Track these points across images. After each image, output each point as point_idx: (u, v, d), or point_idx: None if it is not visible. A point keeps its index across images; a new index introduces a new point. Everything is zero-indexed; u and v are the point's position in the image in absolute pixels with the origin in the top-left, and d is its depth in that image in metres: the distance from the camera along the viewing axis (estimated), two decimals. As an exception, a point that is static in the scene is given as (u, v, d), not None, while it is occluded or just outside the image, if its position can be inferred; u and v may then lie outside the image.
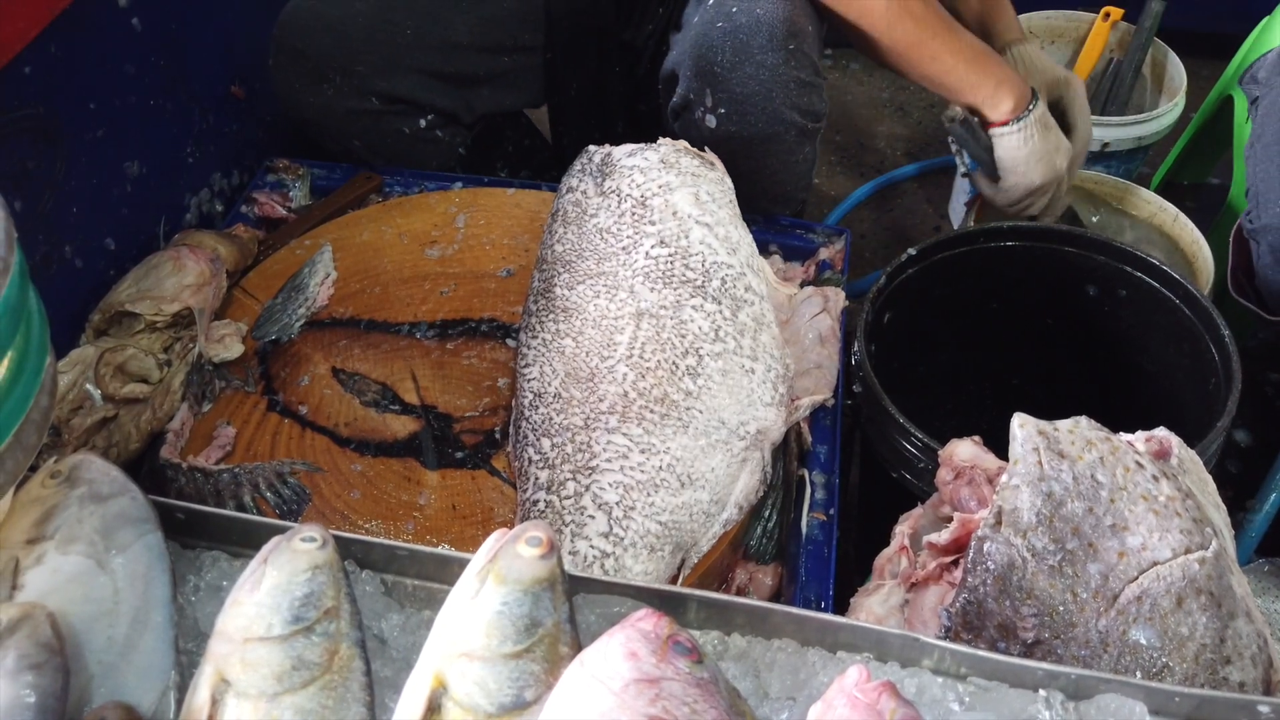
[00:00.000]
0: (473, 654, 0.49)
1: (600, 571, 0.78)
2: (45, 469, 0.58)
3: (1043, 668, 0.55)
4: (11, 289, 0.48)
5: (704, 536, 0.84)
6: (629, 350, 0.86)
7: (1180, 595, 0.64)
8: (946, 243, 1.09)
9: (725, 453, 0.84)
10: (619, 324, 0.87)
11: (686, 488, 0.82)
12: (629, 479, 0.81)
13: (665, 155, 0.97)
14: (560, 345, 0.88)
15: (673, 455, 0.82)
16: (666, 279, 0.89)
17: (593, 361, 0.86)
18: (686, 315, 0.88)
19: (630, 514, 0.80)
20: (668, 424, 0.83)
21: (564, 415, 0.85)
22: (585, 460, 0.82)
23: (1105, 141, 1.45)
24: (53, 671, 0.47)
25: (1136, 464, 0.69)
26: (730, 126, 1.05)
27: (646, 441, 0.82)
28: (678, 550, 0.82)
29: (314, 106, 1.17)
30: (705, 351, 0.86)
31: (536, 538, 0.53)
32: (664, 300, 0.88)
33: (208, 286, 1.01)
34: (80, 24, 0.96)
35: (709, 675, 0.49)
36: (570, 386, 0.86)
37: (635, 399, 0.84)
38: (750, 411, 0.86)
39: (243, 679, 0.48)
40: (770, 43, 1.01)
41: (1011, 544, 0.67)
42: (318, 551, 0.54)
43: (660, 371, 0.85)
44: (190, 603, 0.57)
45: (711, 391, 0.85)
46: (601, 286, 0.90)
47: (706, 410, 0.84)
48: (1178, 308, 1.03)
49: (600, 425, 0.83)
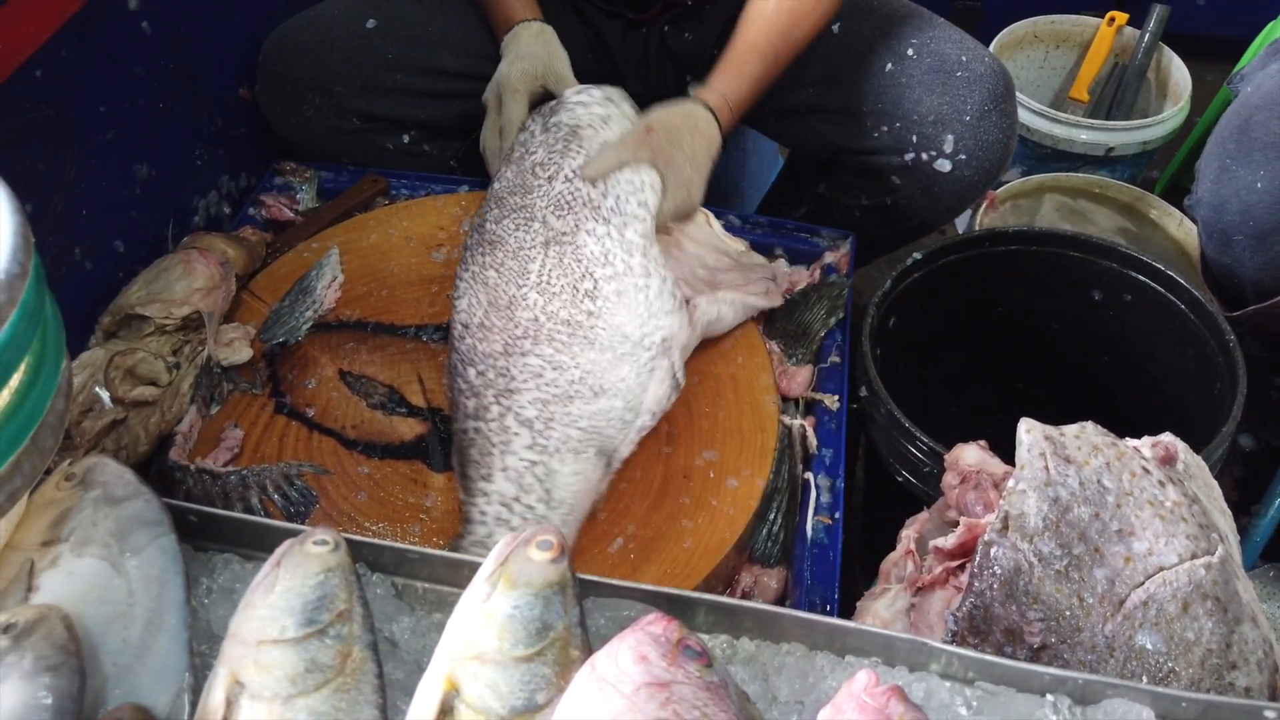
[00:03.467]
0: (485, 657, 0.50)
1: (533, 479, 0.84)
2: (59, 472, 0.59)
3: (1050, 673, 0.55)
4: (29, 293, 0.48)
5: (623, 441, 0.90)
6: (538, 278, 0.92)
7: (1186, 600, 0.65)
8: (952, 247, 1.09)
9: (633, 363, 0.90)
10: (531, 253, 0.93)
11: (600, 396, 0.88)
12: (545, 394, 0.88)
13: (610, 93, 1.04)
14: (485, 277, 0.95)
15: (583, 369, 0.88)
16: (570, 203, 0.95)
17: (510, 290, 0.92)
18: (581, 240, 0.93)
19: (550, 425, 0.87)
20: (575, 342, 0.89)
21: (486, 344, 0.91)
22: (505, 384, 0.88)
23: (1110, 146, 1.45)
24: (69, 673, 0.47)
25: (1143, 469, 0.69)
26: (966, 171, 1.13)
27: (558, 360, 0.89)
28: (601, 454, 0.88)
29: (295, 127, 1.21)
30: (599, 275, 0.92)
31: (547, 541, 0.54)
32: (565, 226, 0.94)
33: (217, 290, 1.01)
34: (91, 27, 0.96)
35: (719, 679, 0.50)
36: (491, 315, 0.92)
37: (544, 322, 0.90)
38: (652, 323, 0.91)
39: (257, 681, 0.49)
40: (1008, 92, 1.12)
41: (1018, 549, 0.67)
42: (330, 554, 0.54)
43: (564, 296, 0.91)
44: (203, 605, 0.58)
45: (610, 310, 0.91)
46: (521, 219, 0.96)
47: (609, 327, 0.90)
48: (1183, 313, 1.03)
49: (516, 350, 0.90)
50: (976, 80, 1.10)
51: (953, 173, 1.13)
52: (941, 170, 1.13)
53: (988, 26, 1.70)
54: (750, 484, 0.92)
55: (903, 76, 1.12)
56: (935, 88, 1.11)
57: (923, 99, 1.11)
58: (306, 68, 1.17)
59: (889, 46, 1.14)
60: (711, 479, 0.93)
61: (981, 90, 1.10)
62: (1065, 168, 1.52)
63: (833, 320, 1.09)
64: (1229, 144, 1.05)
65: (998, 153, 1.12)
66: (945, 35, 1.14)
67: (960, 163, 1.12)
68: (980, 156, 1.12)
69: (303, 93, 1.18)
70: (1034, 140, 1.55)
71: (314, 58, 1.17)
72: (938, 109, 1.11)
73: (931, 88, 1.11)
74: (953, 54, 1.12)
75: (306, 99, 1.18)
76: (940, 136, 1.11)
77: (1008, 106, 1.12)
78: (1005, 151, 1.13)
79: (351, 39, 1.17)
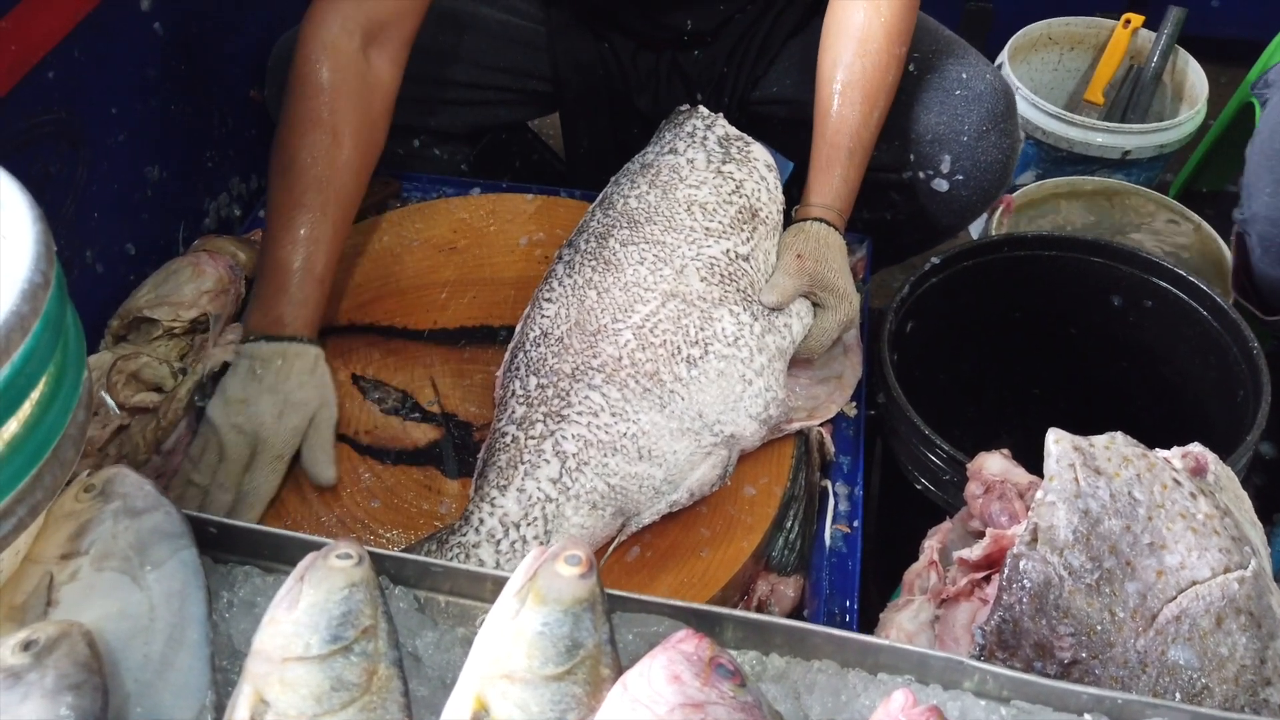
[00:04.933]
0: (514, 675, 0.49)
1: (540, 514, 0.82)
2: (78, 483, 0.58)
3: (1088, 691, 0.54)
4: (52, 303, 0.47)
5: (648, 510, 0.86)
6: (643, 321, 0.88)
7: (1220, 615, 0.64)
8: (970, 251, 1.08)
9: (693, 441, 0.87)
10: (647, 296, 0.89)
11: (644, 460, 0.84)
12: (592, 435, 0.84)
13: (781, 198, 0.99)
14: (584, 294, 0.91)
15: (640, 427, 0.85)
16: (726, 279, 0.91)
17: (604, 319, 0.89)
18: (719, 314, 0.90)
19: (583, 468, 0.83)
20: (647, 398, 0.86)
21: (558, 359, 0.88)
22: (559, 407, 0.85)
23: (1126, 149, 1.44)
24: (91, 691, 0.46)
25: (1174, 481, 0.69)
26: (962, 192, 1.10)
27: (621, 407, 0.85)
28: (619, 514, 0.85)
29: None
30: (714, 351, 0.88)
31: (576, 556, 0.53)
32: (707, 294, 0.90)
33: (226, 292, 1.01)
34: (103, 29, 0.95)
35: (753, 699, 0.49)
36: (574, 335, 0.89)
37: (626, 365, 0.86)
38: (731, 415, 0.88)
39: (282, 700, 0.48)
40: (1008, 111, 1.08)
41: (1048, 562, 0.66)
42: (354, 569, 0.53)
43: (662, 350, 0.87)
44: (224, 619, 0.57)
45: (701, 385, 0.87)
46: (652, 255, 0.92)
47: (689, 399, 0.87)
48: (1204, 319, 1.02)
49: (584, 379, 0.86)
50: (975, 99, 1.07)
51: (950, 192, 1.10)
52: (939, 190, 1.10)
53: (1001, 29, 1.69)
54: (768, 492, 0.91)
55: (902, 94, 1.08)
56: (933, 106, 1.08)
57: (920, 117, 1.09)
58: None
59: None
60: (728, 487, 0.92)
61: (980, 109, 1.07)
62: (1080, 171, 1.51)
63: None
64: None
65: (996, 173, 1.10)
66: (947, 51, 1.11)
67: (957, 183, 1.09)
68: (978, 177, 1.09)
69: None
70: (1049, 144, 1.54)
71: None
72: (935, 128, 1.08)
73: (929, 106, 1.09)
74: (953, 71, 1.09)
75: None
76: (938, 156, 1.09)
77: (1007, 126, 1.09)
78: (1004, 171, 1.11)
79: None
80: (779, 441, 0.95)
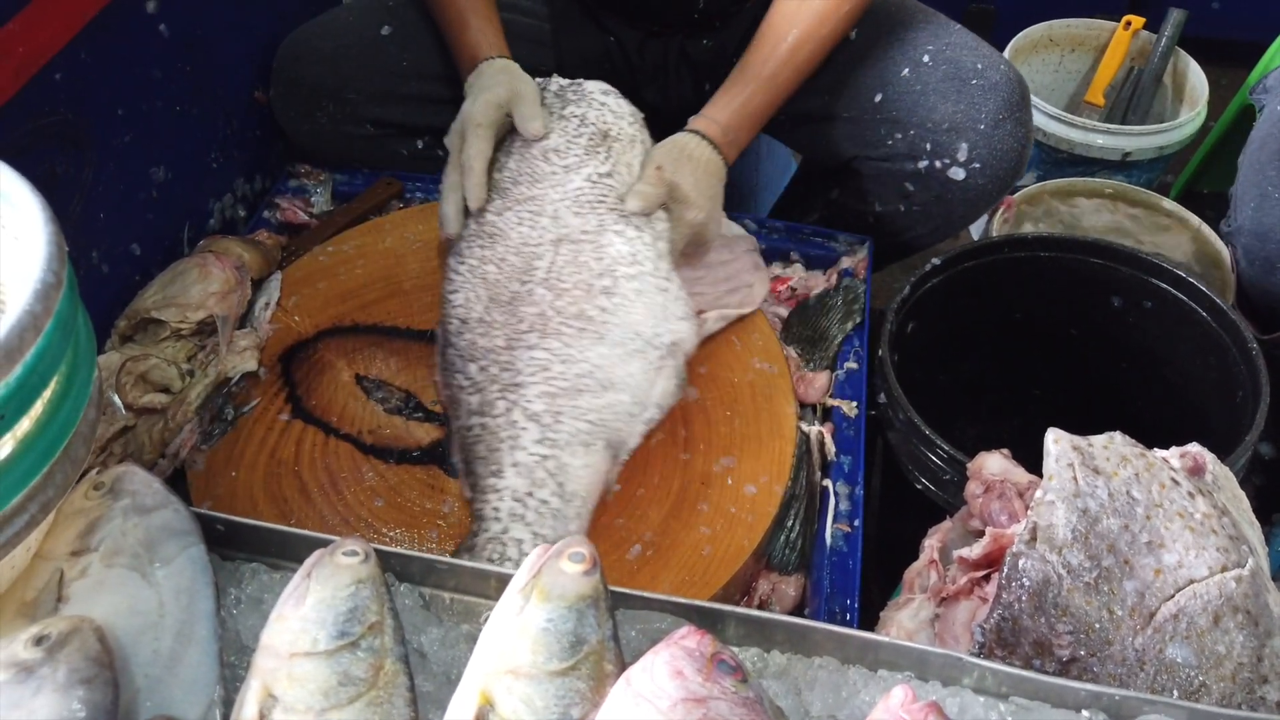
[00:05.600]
0: (519, 671, 0.49)
1: (545, 474, 0.83)
2: (88, 481, 0.58)
3: (1086, 688, 0.55)
4: (64, 303, 0.48)
5: (630, 434, 0.89)
6: (546, 274, 0.91)
7: (1217, 613, 0.64)
8: (970, 252, 1.09)
9: (642, 360, 0.90)
10: (539, 250, 0.93)
11: (608, 390, 0.88)
12: (552, 388, 0.87)
13: (635, 113, 1.03)
14: (484, 272, 0.94)
15: (591, 363, 0.88)
16: (595, 204, 0.95)
17: (514, 287, 0.92)
18: (606, 240, 0.93)
19: (560, 418, 0.86)
20: (585, 336, 0.89)
21: (487, 339, 0.90)
22: (510, 379, 0.88)
23: (1126, 151, 1.45)
24: (103, 686, 0.47)
25: (1172, 480, 0.69)
26: (979, 180, 1.11)
27: (565, 353, 0.88)
28: (609, 446, 0.88)
29: (309, 133, 1.20)
30: (621, 274, 0.92)
31: (579, 553, 0.53)
32: (586, 224, 0.94)
33: (233, 294, 1.01)
34: (110, 30, 0.96)
35: (754, 694, 0.49)
36: (492, 311, 0.92)
37: (553, 316, 0.90)
38: (665, 325, 0.92)
39: (290, 694, 0.49)
40: (1023, 100, 1.10)
41: (1047, 560, 0.67)
42: (360, 565, 0.54)
43: (576, 291, 0.91)
44: (231, 615, 0.57)
45: (626, 308, 0.91)
46: (526, 212, 0.96)
47: (622, 324, 0.90)
48: (1204, 319, 1.03)
49: (521, 344, 0.89)
50: (992, 88, 1.09)
51: (966, 181, 1.12)
52: (955, 178, 1.12)
53: (1002, 30, 1.69)
54: (768, 490, 0.92)
55: (918, 84, 1.11)
56: (950, 95, 1.10)
57: (937, 106, 1.10)
58: (320, 74, 1.16)
59: (905, 53, 1.13)
60: (729, 485, 0.92)
61: (997, 98, 1.09)
62: (1081, 172, 1.51)
63: (850, 325, 1.08)
64: (1269, 170, 1.05)
65: (1012, 161, 1.11)
66: (961, 42, 1.13)
67: (974, 171, 1.11)
68: (994, 165, 1.11)
69: (316, 99, 1.17)
70: (1049, 145, 1.54)
71: (328, 64, 1.16)
72: (952, 116, 1.10)
73: (946, 95, 1.10)
74: (968, 61, 1.11)
75: (320, 105, 1.18)
76: (954, 144, 1.10)
77: (1023, 115, 1.11)
78: (1020, 160, 1.12)
79: (365, 46, 1.17)
80: (780, 441, 0.95)
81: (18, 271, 0.48)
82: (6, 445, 0.48)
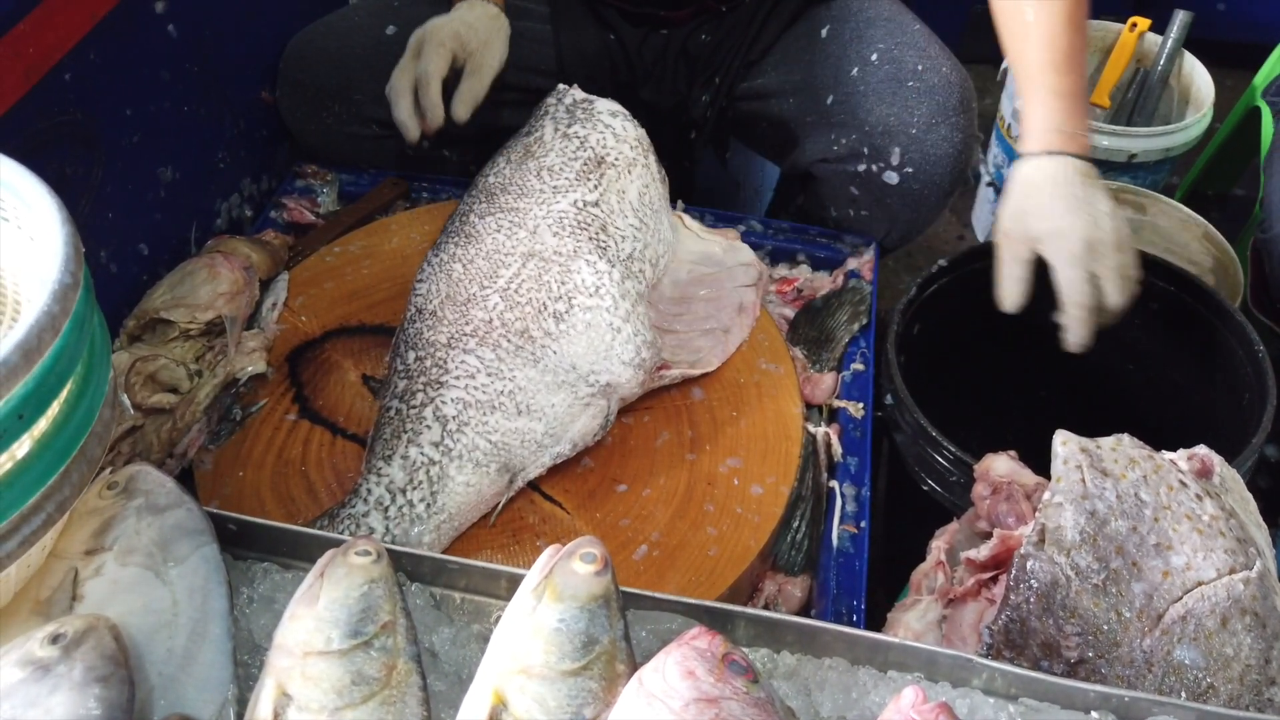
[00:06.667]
0: (531, 671, 0.50)
1: (424, 477, 0.83)
2: (102, 480, 0.59)
3: (1094, 689, 0.55)
4: (80, 303, 0.48)
5: (533, 463, 0.88)
6: (507, 284, 0.92)
7: (1225, 615, 0.65)
8: (977, 253, 1.09)
9: (570, 394, 0.89)
10: (508, 260, 0.93)
11: (523, 415, 0.87)
12: (470, 396, 0.87)
13: (642, 137, 1.03)
14: (450, 268, 0.95)
15: (516, 384, 0.88)
16: (577, 228, 0.95)
17: (473, 289, 0.93)
18: (576, 266, 0.93)
19: (463, 428, 0.86)
20: (520, 355, 0.89)
21: (433, 332, 0.91)
22: (437, 375, 0.88)
23: (1132, 153, 1.44)
24: (119, 684, 0.47)
25: (1180, 482, 0.69)
26: (913, 185, 1.09)
27: (496, 367, 0.88)
28: (504, 470, 0.87)
29: (315, 133, 1.21)
30: (578, 303, 0.91)
31: (591, 554, 0.54)
32: (562, 247, 0.94)
33: (241, 294, 1.01)
34: (119, 31, 0.96)
35: (765, 694, 0.50)
36: (446, 307, 0.92)
37: (497, 326, 0.90)
38: (604, 364, 0.91)
39: (304, 693, 0.49)
40: (962, 104, 1.07)
41: (1055, 562, 0.67)
42: (373, 565, 0.54)
43: (529, 308, 0.90)
44: (244, 614, 0.58)
45: (570, 338, 0.90)
46: (506, 222, 0.96)
47: (561, 353, 0.90)
48: (1210, 321, 1.03)
49: (459, 345, 0.89)
50: (928, 91, 1.06)
51: (900, 185, 1.09)
52: (889, 182, 1.09)
53: (1006, 31, 1.69)
54: (775, 491, 0.92)
55: (862, 84, 1.08)
56: (886, 97, 1.07)
57: (874, 108, 1.08)
58: (327, 75, 1.17)
59: (858, 52, 1.11)
60: (736, 486, 0.92)
61: (931, 102, 1.06)
62: (1085, 174, 1.51)
63: (856, 326, 1.09)
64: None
65: (947, 166, 1.08)
66: (910, 41, 1.10)
67: (907, 175, 1.08)
68: (928, 170, 1.07)
69: (323, 99, 1.18)
70: (1054, 146, 1.53)
71: (334, 65, 1.17)
72: (886, 119, 1.07)
73: (883, 97, 1.07)
74: (911, 62, 1.07)
75: (326, 106, 1.18)
76: (888, 148, 1.08)
77: (960, 119, 1.07)
78: (957, 165, 1.08)
79: (371, 46, 1.17)
80: (786, 442, 0.96)
81: (36, 272, 0.49)
82: (24, 445, 0.48)
